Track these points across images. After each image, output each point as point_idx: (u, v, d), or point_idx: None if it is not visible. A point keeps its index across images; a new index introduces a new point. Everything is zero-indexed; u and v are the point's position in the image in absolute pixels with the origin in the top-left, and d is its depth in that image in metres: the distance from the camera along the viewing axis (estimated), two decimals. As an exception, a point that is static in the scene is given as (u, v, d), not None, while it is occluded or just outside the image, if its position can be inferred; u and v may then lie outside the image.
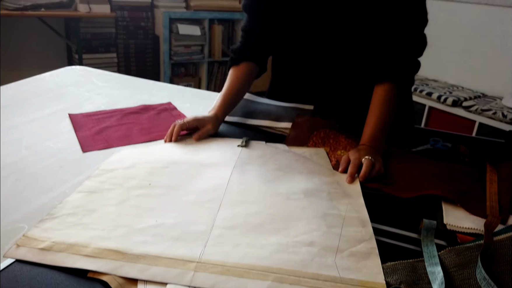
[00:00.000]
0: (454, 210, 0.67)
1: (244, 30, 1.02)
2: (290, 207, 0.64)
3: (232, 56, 1.02)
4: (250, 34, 1.01)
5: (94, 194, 0.65)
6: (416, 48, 0.90)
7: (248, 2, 0.99)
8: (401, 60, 0.89)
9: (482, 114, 2.24)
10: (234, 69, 1.01)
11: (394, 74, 0.89)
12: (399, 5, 0.87)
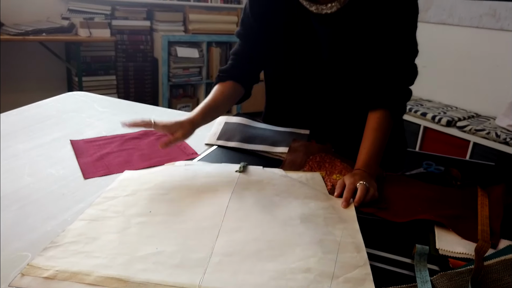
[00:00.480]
0: (447, 235, 0.69)
1: (235, 53, 1.07)
2: (287, 233, 0.66)
3: (219, 74, 1.06)
4: (240, 57, 1.05)
5: (96, 222, 0.67)
6: (408, 78, 0.94)
7: (241, 30, 1.04)
8: (394, 89, 0.93)
9: (476, 134, 2.27)
10: (220, 85, 1.05)
11: (387, 102, 0.92)
12: (391, 37, 0.91)
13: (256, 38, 1.02)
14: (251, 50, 1.04)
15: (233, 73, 1.05)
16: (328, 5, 0.90)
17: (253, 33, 1.02)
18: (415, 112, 2.59)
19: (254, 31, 1.02)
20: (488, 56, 2.59)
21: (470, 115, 2.55)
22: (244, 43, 1.05)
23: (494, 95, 2.56)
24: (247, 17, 1.02)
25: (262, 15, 0.99)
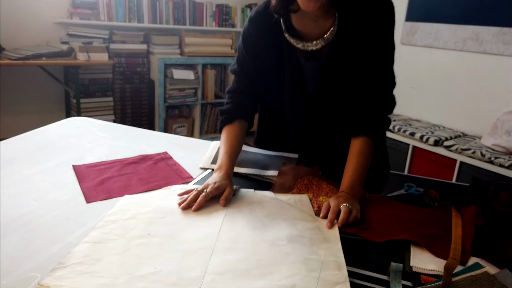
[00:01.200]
0: (421, 253, 0.75)
1: (233, 91, 1.11)
2: (275, 252, 0.72)
3: (225, 116, 1.10)
4: (238, 95, 1.10)
5: (99, 244, 0.72)
6: (387, 107, 1.02)
7: (237, 67, 1.10)
8: (374, 117, 1.01)
9: (462, 153, 2.36)
10: (229, 128, 1.08)
11: (368, 129, 1.00)
12: (372, 71, 0.99)
13: (251, 73, 1.09)
14: (248, 86, 1.10)
15: (237, 112, 1.09)
16: (313, 43, 0.99)
17: (248, 69, 1.09)
18: (404, 132, 2.68)
19: (249, 67, 1.08)
20: (473, 78, 2.69)
21: (457, 135, 2.64)
22: (241, 80, 1.11)
23: (479, 116, 2.66)
24: (242, 54, 1.09)
25: (254, 50, 1.07)
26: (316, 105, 1.07)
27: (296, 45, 1.00)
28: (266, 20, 1.03)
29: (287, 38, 1.01)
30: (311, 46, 1.00)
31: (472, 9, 2.64)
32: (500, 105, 2.55)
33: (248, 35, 1.07)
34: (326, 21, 0.99)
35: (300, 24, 1.00)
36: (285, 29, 1.01)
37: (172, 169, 1.10)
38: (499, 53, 2.54)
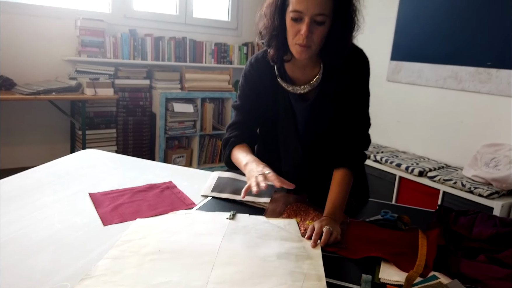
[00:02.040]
0: (389, 268, 0.89)
1: (236, 123, 1.27)
2: (266, 266, 0.86)
3: (231, 141, 1.24)
4: (241, 126, 1.26)
5: (118, 259, 0.86)
6: (363, 145, 1.20)
7: (239, 103, 1.28)
8: (353, 153, 1.18)
9: (445, 183, 2.51)
10: (237, 147, 1.22)
11: (348, 163, 1.16)
12: (350, 114, 1.18)
13: (251, 108, 1.26)
14: (248, 119, 1.27)
15: (241, 139, 1.24)
16: (301, 87, 1.18)
17: (248, 104, 1.26)
18: (391, 163, 2.84)
19: (249, 102, 1.26)
20: (453, 113, 2.89)
21: (440, 166, 2.81)
22: (242, 113, 1.27)
23: (461, 148, 2.84)
24: (243, 92, 1.27)
25: (254, 88, 1.25)
26: (305, 139, 1.25)
27: (287, 88, 1.19)
28: (264, 65, 1.21)
29: (280, 82, 1.19)
30: (299, 90, 1.18)
31: (451, 51, 2.88)
32: (479, 139, 2.74)
33: (249, 76, 1.25)
34: (313, 70, 1.18)
35: (291, 71, 1.20)
36: (278, 74, 1.20)
37: (176, 196, 1.24)
38: (476, 90, 2.76)
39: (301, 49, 1.06)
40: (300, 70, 1.19)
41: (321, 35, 1.06)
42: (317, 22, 1.03)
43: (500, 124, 2.67)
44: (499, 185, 2.40)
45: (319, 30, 1.04)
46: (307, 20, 1.02)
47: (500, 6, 2.62)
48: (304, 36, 1.03)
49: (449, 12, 2.88)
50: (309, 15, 1.02)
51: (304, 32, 1.03)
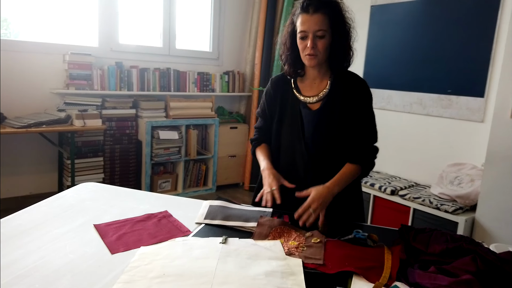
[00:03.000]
0: (360, 280, 1.06)
1: (258, 127, 1.69)
2: (256, 284, 1.02)
3: (255, 142, 1.67)
4: (262, 129, 1.67)
5: (129, 283, 1.00)
6: (373, 151, 1.51)
7: (260, 111, 1.67)
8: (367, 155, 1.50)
9: (414, 201, 2.73)
10: (260, 147, 1.64)
11: (361, 160, 1.47)
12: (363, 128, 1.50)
13: (268, 116, 1.63)
14: (266, 124, 1.65)
15: (262, 139, 1.66)
16: (311, 98, 1.49)
17: (266, 112, 1.63)
18: (365, 183, 3.06)
19: (266, 111, 1.63)
20: (420, 135, 3.15)
21: (411, 185, 3.04)
22: (262, 119, 1.67)
23: (428, 168, 3.09)
24: (263, 103, 1.64)
25: (270, 100, 1.61)
26: (310, 142, 1.52)
27: (299, 98, 1.50)
28: (281, 82, 1.60)
29: (294, 92, 1.52)
30: (309, 100, 1.49)
31: (416, 79, 3.16)
32: (444, 159, 2.99)
33: (269, 90, 1.63)
34: (321, 84, 1.51)
35: (302, 84, 1.56)
36: (294, 86, 1.53)
37: (173, 225, 1.39)
38: (439, 115, 3.03)
39: (309, 57, 1.42)
40: (310, 84, 1.54)
41: (323, 46, 1.41)
42: (318, 36, 1.39)
43: (462, 145, 2.93)
44: (462, 201, 2.64)
45: (321, 42, 1.40)
46: (310, 36, 1.39)
47: (457, 41, 2.92)
48: (310, 47, 1.39)
49: (411, 45, 3.18)
50: (312, 32, 1.39)
51: (309, 44, 1.39)
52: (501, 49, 2.64)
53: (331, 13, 1.40)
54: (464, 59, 2.88)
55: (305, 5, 1.40)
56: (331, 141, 1.49)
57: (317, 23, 1.38)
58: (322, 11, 1.38)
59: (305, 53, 1.42)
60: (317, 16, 1.38)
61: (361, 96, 1.50)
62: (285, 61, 1.53)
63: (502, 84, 2.45)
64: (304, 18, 1.40)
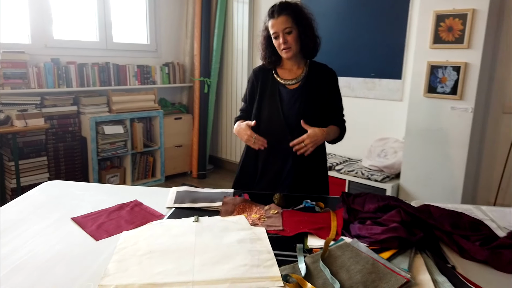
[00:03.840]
0: (314, 238, 1.30)
1: (243, 110, 1.97)
2: (231, 250, 1.21)
3: (237, 118, 1.95)
4: (244, 111, 1.96)
5: (121, 262, 1.15)
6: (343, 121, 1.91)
7: (244, 96, 1.97)
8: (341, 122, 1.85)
9: (349, 174, 3.10)
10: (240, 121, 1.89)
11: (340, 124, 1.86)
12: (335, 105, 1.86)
13: (250, 99, 1.91)
14: (249, 107, 1.92)
15: (243, 117, 1.93)
16: (290, 80, 1.81)
17: (249, 97, 1.91)
18: (307, 162, 3.37)
19: (249, 96, 1.91)
20: (351, 115, 3.50)
21: (345, 160, 3.41)
22: (245, 103, 1.96)
23: (359, 144, 3.48)
24: (247, 90, 1.93)
25: (252, 86, 1.89)
26: (288, 115, 1.79)
27: (279, 80, 1.81)
28: (262, 69, 1.89)
29: (274, 76, 1.83)
30: (288, 82, 1.81)
31: (344, 65, 3.51)
32: (371, 135, 3.39)
33: (251, 77, 1.92)
34: (298, 70, 1.84)
35: (282, 71, 1.86)
36: (274, 72, 1.86)
37: (146, 211, 1.54)
38: (365, 96, 3.41)
39: (285, 51, 1.73)
40: (288, 71, 1.84)
41: (293, 39, 1.72)
42: (287, 33, 1.71)
43: (386, 122, 3.35)
44: (388, 171, 3.05)
45: (290, 36, 1.72)
46: (281, 34, 1.71)
47: (376, 30, 3.30)
48: (283, 42, 1.71)
49: (338, 34, 3.52)
50: (281, 31, 1.71)
51: (282, 40, 1.71)
52: (413, 36, 3.05)
53: (292, 13, 1.72)
54: (383, 46, 3.27)
55: (270, 12, 1.74)
56: (306, 113, 1.78)
57: (283, 23, 1.70)
58: (284, 13, 1.71)
59: (281, 48, 1.74)
60: (281, 18, 1.70)
61: (332, 81, 1.85)
62: (264, 59, 1.85)
63: (415, 68, 2.86)
64: (272, 22, 1.72)
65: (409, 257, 1.17)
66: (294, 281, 1.05)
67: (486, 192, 2.92)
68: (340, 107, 1.91)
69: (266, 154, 1.85)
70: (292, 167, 1.82)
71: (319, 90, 1.80)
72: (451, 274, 1.11)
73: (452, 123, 2.70)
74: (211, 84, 4.46)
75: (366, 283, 1.04)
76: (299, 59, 1.82)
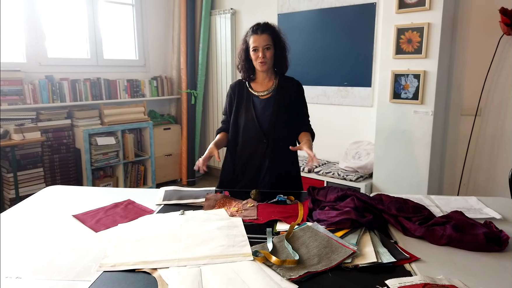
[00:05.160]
0: (282, 224, 1.54)
1: (223, 121, 2.22)
2: (211, 235, 1.44)
3: (218, 131, 2.21)
4: (224, 122, 2.20)
5: (119, 246, 1.37)
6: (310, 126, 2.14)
7: (224, 109, 2.21)
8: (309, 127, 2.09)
9: (326, 176, 3.35)
10: (219, 135, 2.17)
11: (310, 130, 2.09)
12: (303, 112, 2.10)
13: (229, 111, 2.15)
14: (229, 118, 2.15)
15: (224, 129, 2.19)
16: (262, 92, 2.05)
17: (228, 110, 2.16)
18: (288, 165, 3.61)
19: (229, 109, 2.15)
20: (327, 121, 3.79)
21: (323, 163, 3.66)
22: (225, 115, 2.20)
23: (335, 147, 3.74)
24: (226, 103, 2.18)
25: (230, 99, 2.15)
26: (260, 121, 2.05)
27: (252, 92, 2.06)
28: (238, 85, 2.15)
29: (249, 89, 2.07)
30: (261, 93, 2.06)
31: (319, 75, 3.79)
32: (347, 139, 3.66)
33: (229, 92, 2.17)
34: (268, 83, 2.08)
35: (254, 84, 2.12)
36: (248, 86, 2.11)
37: (138, 208, 1.76)
38: (340, 103, 3.69)
39: (261, 64, 1.99)
40: (260, 84, 2.10)
41: (270, 55, 1.99)
42: (266, 48, 1.98)
43: (359, 126, 3.62)
44: (362, 171, 3.30)
45: (268, 52, 1.99)
46: (261, 49, 1.98)
47: (347, 43, 3.59)
48: (261, 56, 1.97)
49: (313, 47, 3.81)
50: (261, 46, 1.97)
51: (261, 55, 1.98)
52: (379, 48, 3.34)
53: (272, 34, 2.01)
54: (354, 57, 3.56)
55: (255, 29, 2.01)
56: (277, 119, 2.05)
57: (265, 40, 1.98)
58: (267, 32, 1.99)
59: (258, 61, 2.00)
60: (264, 36, 1.98)
61: (299, 91, 2.14)
62: (241, 69, 2.12)
63: (381, 76, 3.14)
64: (255, 38, 1.99)
65: (358, 235, 1.41)
66: (262, 255, 1.28)
67: (450, 186, 3.20)
68: (307, 114, 2.17)
69: (245, 157, 2.09)
70: (269, 167, 2.06)
71: (288, 99, 2.06)
72: (391, 247, 1.35)
73: (416, 126, 2.98)
74: (198, 96, 4.71)
75: (321, 255, 1.28)
76: (270, 74, 2.09)
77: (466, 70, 3.00)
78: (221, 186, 2.16)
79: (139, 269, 1.22)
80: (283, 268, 1.21)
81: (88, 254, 1.33)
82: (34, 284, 1.15)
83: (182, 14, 4.56)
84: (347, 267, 1.23)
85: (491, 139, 2.99)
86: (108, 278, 1.18)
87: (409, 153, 3.03)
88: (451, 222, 1.45)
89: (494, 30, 2.81)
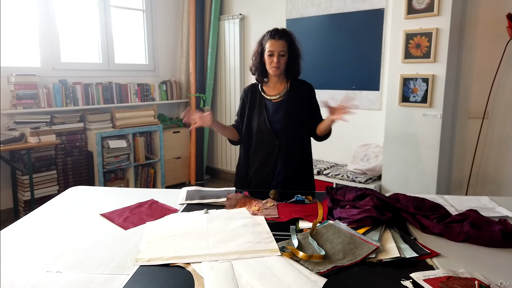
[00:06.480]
0: (305, 222, 1.60)
1: (236, 121, 2.27)
2: (238, 232, 1.50)
3: (233, 124, 2.28)
4: (237, 122, 2.26)
5: (150, 243, 1.43)
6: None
7: (238, 110, 2.27)
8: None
9: (336, 177, 3.41)
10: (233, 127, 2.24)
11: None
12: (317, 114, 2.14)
13: (241, 114, 2.23)
14: (240, 118, 2.24)
15: (234, 126, 2.26)
16: (274, 96, 2.10)
17: (241, 111, 2.23)
18: (297, 168, 3.68)
19: (241, 112, 2.23)
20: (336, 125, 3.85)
21: (332, 165, 3.73)
22: (238, 117, 2.27)
23: (344, 150, 3.80)
24: (239, 106, 2.25)
25: (243, 102, 2.21)
26: (272, 123, 2.11)
27: (265, 96, 2.11)
28: (251, 88, 2.22)
29: (261, 93, 2.12)
30: (273, 97, 2.11)
31: (328, 79, 3.86)
32: (355, 142, 3.72)
33: (242, 95, 2.24)
34: (280, 87, 2.12)
35: (267, 88, 2.17)
36: (261, 89, 2.17)
37: (163, 207, 1.82)
38: (348, 107, 3.75)
39: (275, 69, 2.05)
40: (272, 88, 2.16)
41: (284, 61, 2.05)
42: (281, 55, 2.03)
43: (367, 129, 3.69)
44: (371, 173, 3.36)
45: (282, 59, 2.05)
46: (276, 54, 2.03)
47: (356, 47, 3.66)
48: (276, 62, 2.03)
49: (322, 52, 3.89)
50: (277, 52, 2.03)
51: (275, 60, 2.03)
52: (388, 52, 3.42)
53: (289, 40, 2.06)
54: (363, 62, 3.63)
55: (273, 34, 2.05)
56: (289, 121, 2.11)
57: (281, 46, 2.03)
58: (284, 39, 2.04)
59: (271, 66, 2.06)
60: (281, 42, 2.03)
61: (311, 93, 2.19)
62: (254, 71, 2.17)
63: (390, 80, 3.21)
64: (272, 42, 2.03)
65: (379, 232, 1.47)
66: (289, 251, 1.34)
67: (458, 188, 3.26)
68: (320, 115, 2.24)
69: (258, 158, 2.15)
70: (281, 168, 2.12)
71: (299, 101, 2.13)
72: (412, 243, 1.41)
73: (424, 129, 3.04)
74: (206, 100, 4.79)
75: (346, 250, 1.34)
76: (282, 78, 2.14)
77: (473, 74, 3.07)
78: (236, 186, 2.22)
79: (173, 263, 1.28)
80: (310, 263, 1.27)
81: (121, 250, 1.39)
82: (74, 277, 1.21)
83: (191, 20, 4.64)
84: (371, 262, 1.28)
85: (498, 142, 3.05)
86: (145, 271, 1.24)
87: (418, 155, 3.10)
88: (468, 219, 1.51)
89: (501, 35, 2.89)
